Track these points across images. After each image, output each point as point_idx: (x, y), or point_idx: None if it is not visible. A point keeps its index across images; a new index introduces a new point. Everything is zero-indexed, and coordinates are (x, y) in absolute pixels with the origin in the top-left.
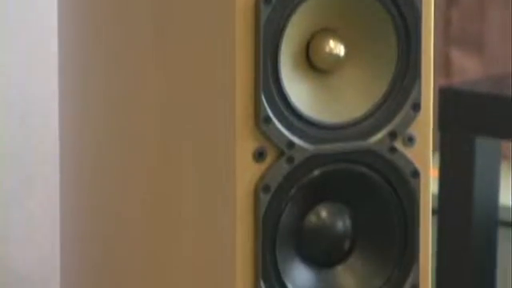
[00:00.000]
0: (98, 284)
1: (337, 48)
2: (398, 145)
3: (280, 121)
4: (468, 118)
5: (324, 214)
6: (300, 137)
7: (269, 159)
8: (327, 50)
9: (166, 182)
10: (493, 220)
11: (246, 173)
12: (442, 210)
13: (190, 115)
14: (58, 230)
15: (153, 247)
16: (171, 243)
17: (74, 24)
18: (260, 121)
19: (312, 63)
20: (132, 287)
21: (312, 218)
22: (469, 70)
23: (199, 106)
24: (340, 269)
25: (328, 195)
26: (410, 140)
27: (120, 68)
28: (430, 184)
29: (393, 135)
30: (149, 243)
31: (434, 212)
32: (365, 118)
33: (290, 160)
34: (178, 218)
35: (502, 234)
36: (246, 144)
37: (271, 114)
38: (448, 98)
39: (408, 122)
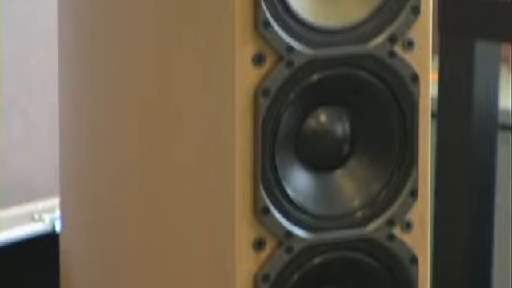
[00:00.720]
0: (97, 188)
1: None
2: (398, 49)
3: (279, 25)
4: (468, 22)
5: (323, 118)
6: (299, 41)
7: (268, 63)
8: None
9: (166, 85)
10: (492, 123)
11: (246, 77)
12: (441, 114)
13: (188, 20)
14: (58, 135)
15: (152, 151)
16: (171, 146)
17: None
18: (259, 25)
19: None
20: (132, 191)
21: (311, 122)
22: None
23: (198, 10)
24: (339, 173)
25: (327, 99)
26: (409, 44)
27: None
28: (430, 88)
29: (392, 39)
30: (147, 148)
31: (433, 116)
32: (364, 21)
33: (290, 64)
34: (177, 121)
35: (502, 138)
36: (245, 48)
37: (270, 18)
38: (448, 2)
39: (408, 25)
